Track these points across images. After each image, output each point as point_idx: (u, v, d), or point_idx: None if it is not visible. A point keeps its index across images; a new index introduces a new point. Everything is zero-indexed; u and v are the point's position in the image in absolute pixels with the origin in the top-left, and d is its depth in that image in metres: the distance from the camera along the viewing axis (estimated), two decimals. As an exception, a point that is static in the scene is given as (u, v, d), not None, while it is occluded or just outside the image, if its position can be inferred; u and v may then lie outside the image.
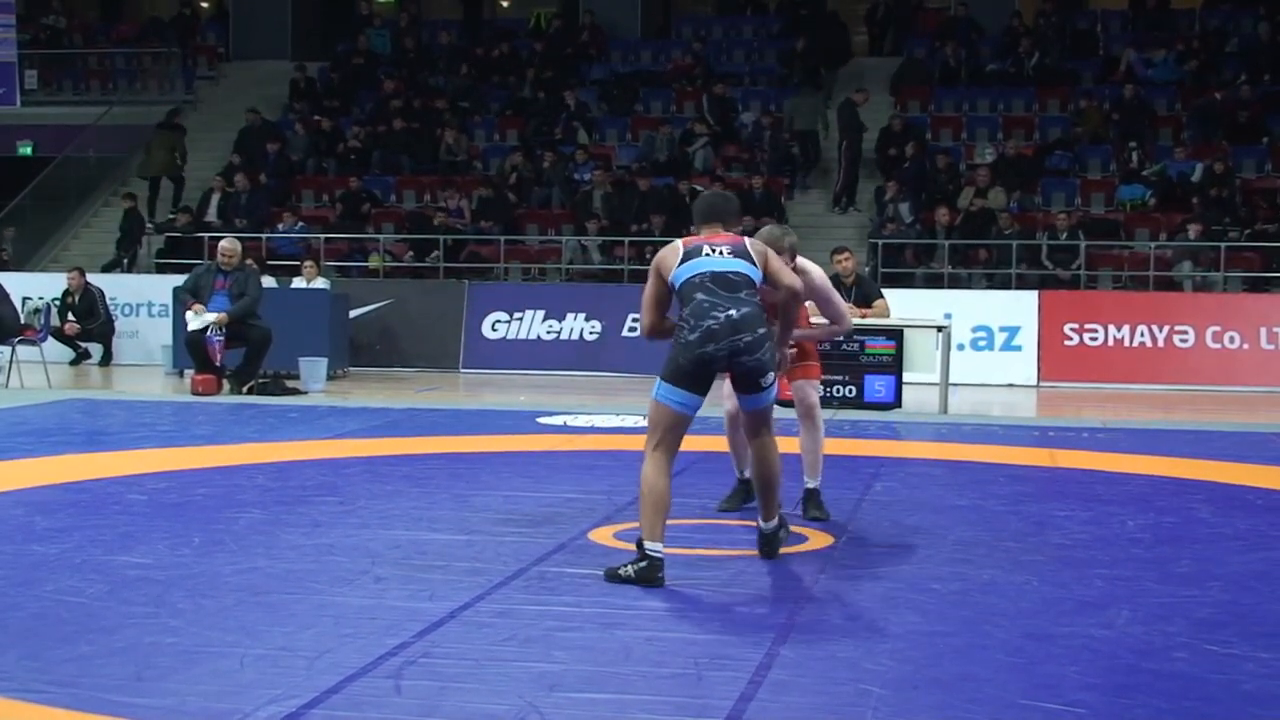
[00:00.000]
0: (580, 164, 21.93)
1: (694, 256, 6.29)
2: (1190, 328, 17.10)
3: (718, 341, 6.10)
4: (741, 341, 6.12)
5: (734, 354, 6.13)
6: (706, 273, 6.24)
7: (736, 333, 6.12)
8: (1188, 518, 7.87)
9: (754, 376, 6.25)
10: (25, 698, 4.34)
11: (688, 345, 6.12)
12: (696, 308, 6.15)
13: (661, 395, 6.18)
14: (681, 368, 6.13)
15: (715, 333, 6.10)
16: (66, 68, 27.77)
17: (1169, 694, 4.56)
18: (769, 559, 6.49)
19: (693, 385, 6.15)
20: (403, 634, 5.10)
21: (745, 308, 6.17)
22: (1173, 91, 22.64)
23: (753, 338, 6.15)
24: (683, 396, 6.16)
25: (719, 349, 6.11)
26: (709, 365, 6.14)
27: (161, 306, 18.29)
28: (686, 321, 6.16)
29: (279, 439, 10.82)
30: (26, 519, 7.31)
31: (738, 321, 6.13)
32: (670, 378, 6.16)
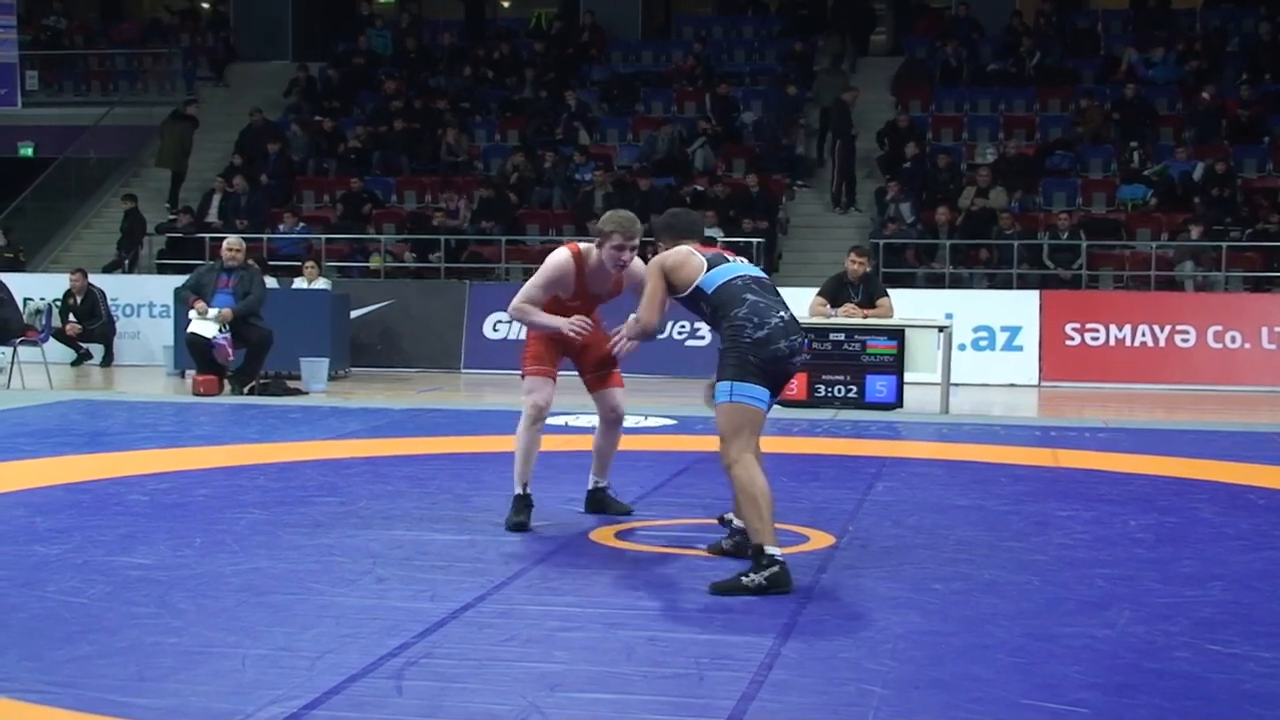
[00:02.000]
0: (581, 164, 21.94)
1: (720, 263, 6.31)
2: (1192, 328, 17.09)
3: (786, 339, 6.09)
4: (798, 342, 6.15)
5: (793, 353, 6.13)
6: (747, 276, 6.29)
7: (793, 333, 6.14)
8: (1190, 517, 7.86)
9: (788, 381, 6.31)
10: (27, 698, 4.34)
11: (759, 342, 6.05)
12: (754, 308, 6.11)
13: (740, 395, 6.05)
14: (756, 365, 6.05)
15: (780, 330, 6.09)
16: (67, 69, 27.81)
17: (1171, 694, 4.55)
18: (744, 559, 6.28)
19: (767, 382, 6.08)
20: (404, 634, 5.10)
21: (788, 310, 6.23)
22: (1173, 91, 22.64)
23: (802, 338, 6.19)
24: (762, 393, 6.08)
25: (788, 345, 6.10)
26: (779, 362, 6.10)
27: (163, 307, 18.30)
28: (749, 320, 6.07)
29: (280, 439, 10.82)
30: (28, 519, 7.31)
31: (792, 322, 6.17)
32: (745, 377, 6.05)
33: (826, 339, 13.36)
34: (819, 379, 13.42)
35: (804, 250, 20.74)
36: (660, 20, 28.51)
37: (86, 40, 28.83)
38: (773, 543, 5.88)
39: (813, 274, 17.67)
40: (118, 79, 27.60)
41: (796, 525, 7.36)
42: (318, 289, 17.70)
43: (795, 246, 21.00)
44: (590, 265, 7.21)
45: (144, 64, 27.77)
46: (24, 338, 15.33)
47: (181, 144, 23.45)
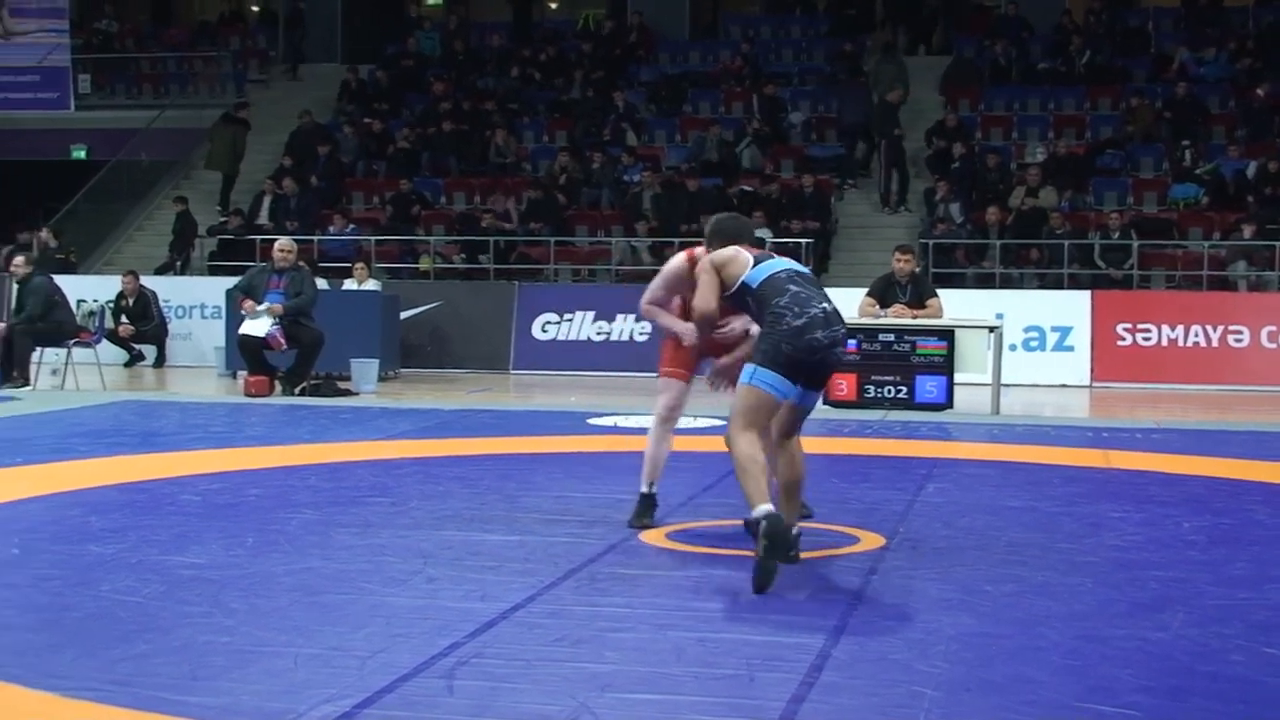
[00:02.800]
0: (629, 165, 21.95)
1: (765, 260, 6.41)
2: (1245, 328, 16.95)
3: (826, 329, 6.12)
4: (839, 333, 6.19)
5: (833, 344, 6.17)
6: (791, 270, 6.35)
7: (834, 324, 6.17)
8: (1244, 519, 7.80)
9: (830, 373, 6.37)
10: (82, 696, 4.37)
11: (794, 331, 6.08)
12: (795, 298, 6.15)
13: (760, 380, 6.13)
14: (786, 354, 6.10)
15: (823, 321, 6.12)
16: (119, 72, 28.02)
17: (1225, 697, 4.51)
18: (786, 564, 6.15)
19: (793, 373, 6.14)
20: (455, 634, 5.11)
21: (832, 305, 6.25)
22: (1225, 89, 22.47)
23: (845, 331, 6.26)
24: (784, 384, 6.14)
25: (826, 336, 6.12)
26: (815, 352, 6.12)
27: (214, 308, 18.42)
28: (789, 309, 6.12)
29: (331, 440, 10.87)
30: (83, 519, 7.37)
31: (834, 314, 6.21)
32: (773, 364, 6.11)
33: (876, 339, 13.33)
34: (869, 380, 13.39)
35: (853, 250, 20.69)
36: (708, 20, 28.50)
37: (138, 43, 29.04)
38: (763, 501, 5.92)
39: (862, 274, 17.62)
40: (169, 82, 27.79)
41: (847, 526, 7.36)
42: (368, 290, 17.78)
43: (844, 246, 20.95)
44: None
45: (194, 67, 27.95)
46: (78, 339, 15.45)
47: (234, 147, 23.60)
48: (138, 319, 18.60)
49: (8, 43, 24.19)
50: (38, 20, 24.42)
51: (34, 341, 15.08)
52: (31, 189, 25.50)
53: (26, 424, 11.74)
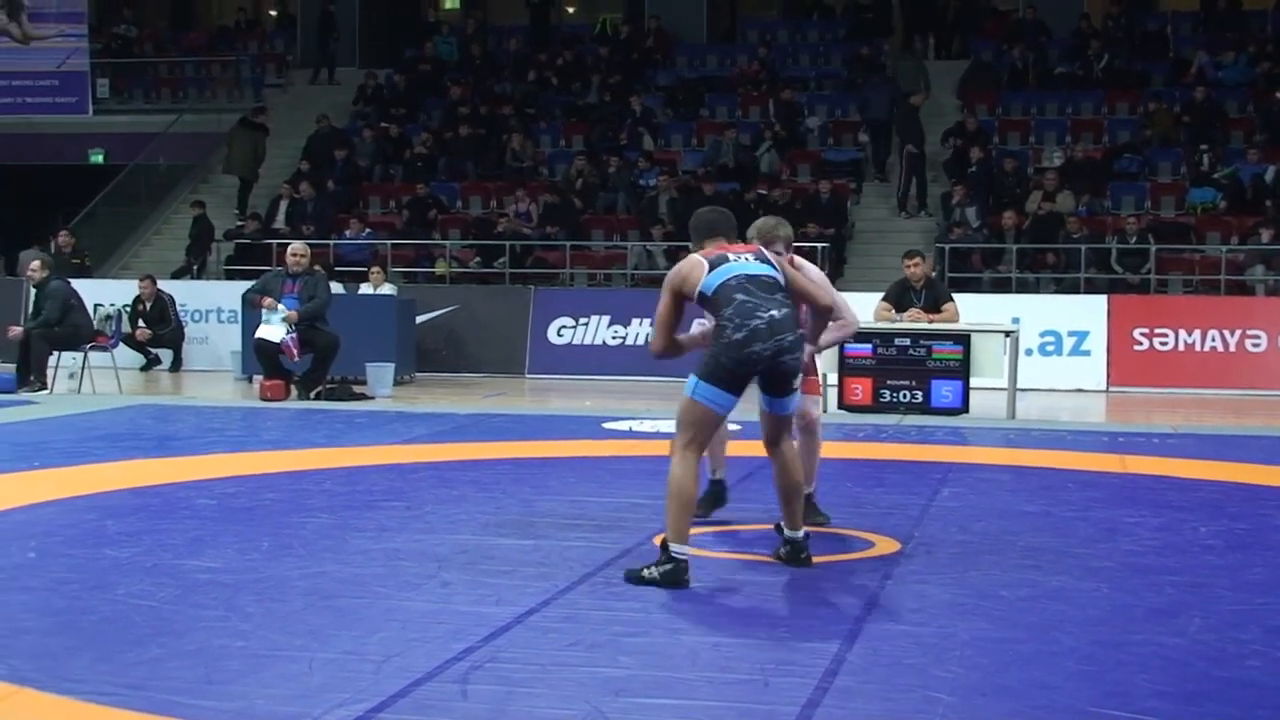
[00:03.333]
0: (645, 169, 21.95)
1: (723, 263, 6.30)
2: (1262, 332, 16.90)
3: (763, 341, 6.12)
4: (785, 341, 6.16)
5: (778, 354, 6.15)
6: (742, 275, 6.26)
7: (780, 332, 6.15)
8: (1260, 524, 7.78)
9: (790, 378, 6.30)
10: (97, 700, 4.39)
11: (733, 345, 6.11)
12: (740, 308, 6.15)
13: (700, 395, 6.18)
14: (725, 368, 6.14)
15: (760, 332, 6.12)
16: (137, 76, 28.10)
17: (1242, 703, 4.50)
18: (799, 567, 6.41)
19: (733, 386, 6.18)
20: (469, 638, 5.12)
21: (784, 309, 6.22)
22: (1244, 93, 22.41)
23: (794, 338, 6.22)
24: (723, 398, 6.18)
25: (764, 348, 6.12)
26: (754, 365, 6.15)
27: (231, 312, 18.44)
28: (731, 321, 6.14)
29: (346, 444, 10.88)
30: (98, 523, 7.39)
31: (780, 321, 6.16)
32: (711, 378, 6.16)
33: (892, 344, 13.31)
34: (884, 384, 13.38)
35: (869, 255, 20.67)
36: (725, 24, 28.49)
37: (156, 48, 29.11)
38: (679, 541, 6.03)
39: (878, 279, 17.59)
40: (187, 86, 27.86)
41: (862, 531, 7.35)
42: (384, 294, 17.79)
43: (860, 251, 20.93)
44: None
45: (212, 71, 28.03)
46: (94, 343, 15.49)
47: (254, 152, 23.64)
48: (155, 323, 18.65)
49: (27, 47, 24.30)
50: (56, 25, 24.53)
51: (51, 345, 15.12)
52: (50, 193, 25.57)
53: (43, 428, 11.77)
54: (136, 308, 18.69)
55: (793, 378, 6.29)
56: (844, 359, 13.45)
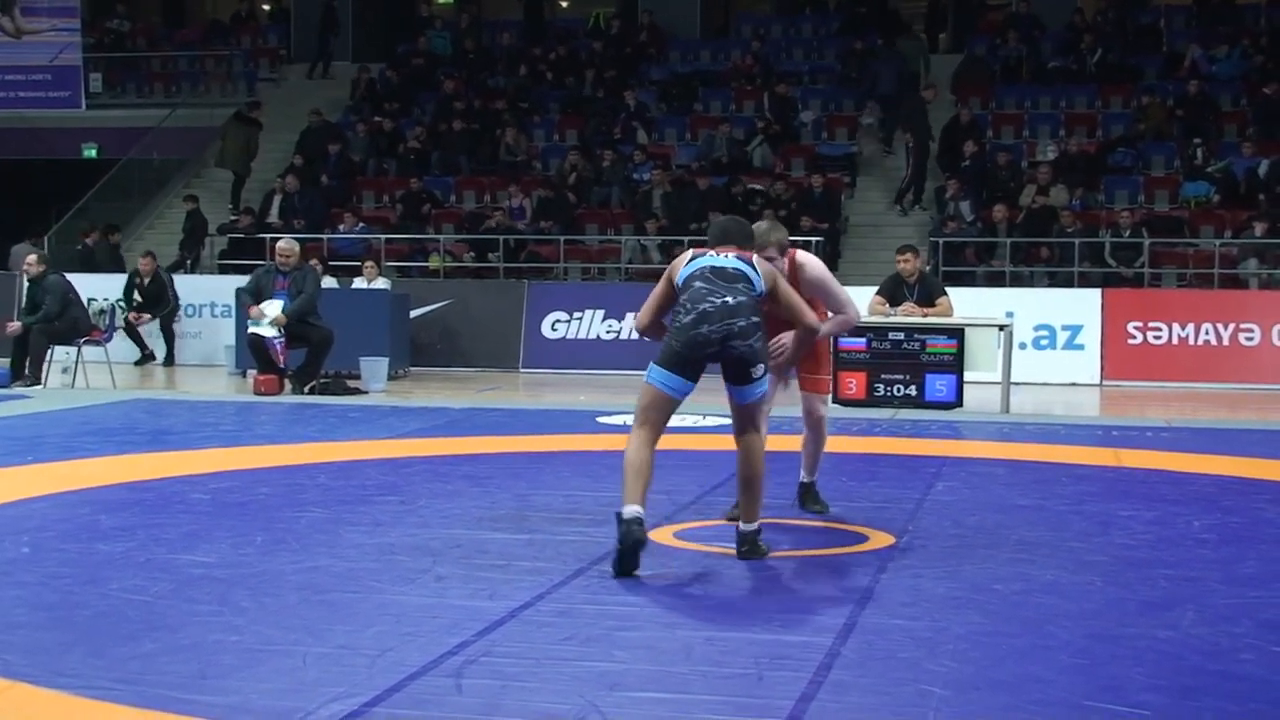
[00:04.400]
0: (639, 164, 21.94)
1: (700, 258, 6.45)
2: (1256, 326, 16.92)
3: (711, 323, 6.19)
4: (735, 326, 6.21)
5: (727, 338, 6.21)
6: (707, 267, 6.38)
7: (731, 317, 6.21)
8: (1254, 518, 7.79)
9: (745, 364, 6.30)
10: (91, 694, 4.38)
11: (682, 328, 6.23)
12: (694, 293, 6.29)
13: (652, 378, 6.31)
14: (675, 350, 6.25)
15: (709, 314, 6.20)
16: (130, 71, 28.07)
17: (1235, 696, 4.51)
18: (746, 559, 6.43)
19: (683, 370, 6.26)
20: (464, 633, 5.11)
21: (741, 297, 6.27)
22: (1237, 87, 22.42)
23: (746, 323, 6.24)
24: (673, 380, 6.27)
25: (713, 330, 6.19)
26: (702, 347, 6.22)
27: (224, 307, 18.44)
28: (684, 306, 6.29)
29: (340, 439, 10.88)
30: (92, 518, 7.38)
31: (733, 307, 6.23)
32: (662, 362, 6.29)
33: (886, 338, 13.32)
34: (878, 378, 13.39)
35: (863, 249, 20.67)
36: (719, 19, 28.48)
37: (149, 43, 29.08)
38: (629, 500, 6.09)
39: (872, 273, 17.62)
40: (180, 81, 27.83)
41: (856, 525, 7.36)
42: (377, 289, 17.79)
43: (854, 245, 20.94)
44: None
45: (206, 66, 27.99)
46: (89, 338, 15.47)
47: (247, 147, 23.62)
48: (153, 302, 18.57)
49: (19, 42, 24.22)
50: (49, 19, 24.45)
51: (49, 340, 15.10)
52: (43, 188, 25.55)
53: (37, 422, 11.76)
54: (134, 283, 18.64)
55: (748, 364, 6.30)
56: (838, 353, 13.42)
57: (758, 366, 6.32)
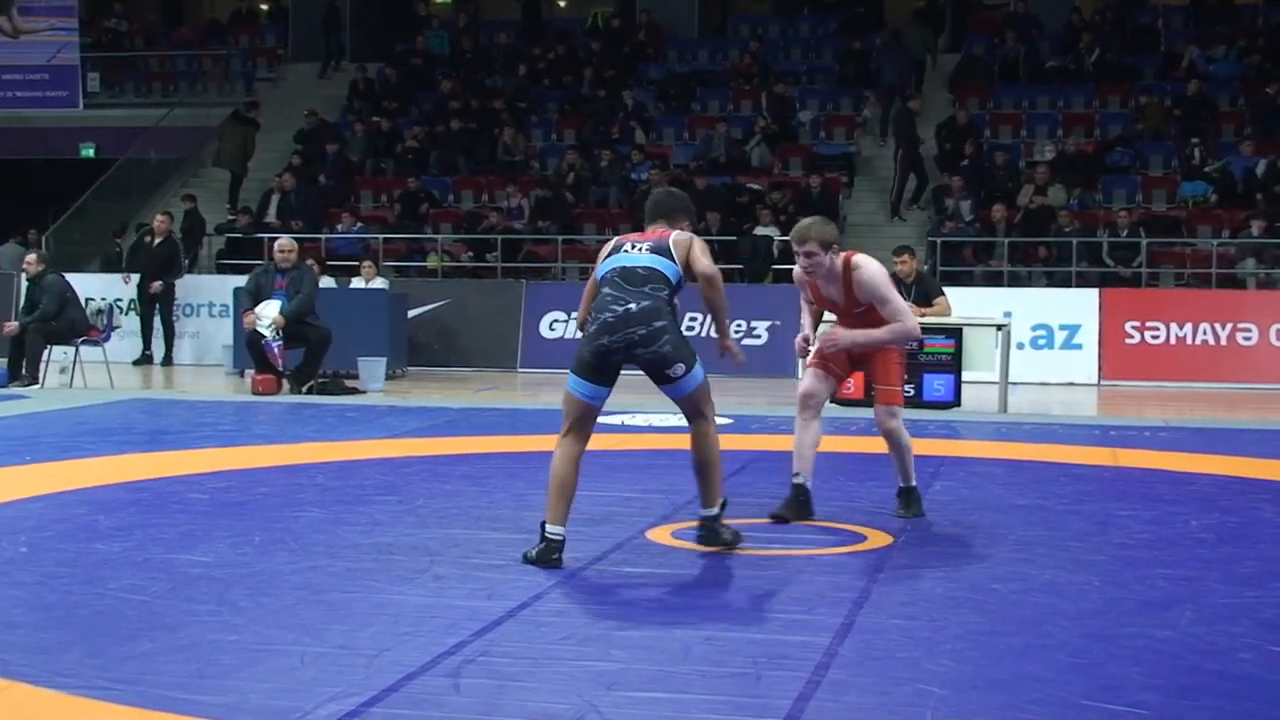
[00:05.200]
0: (637, 163, 21.94)
1: (616, 252, 6.53)
2: (1253, 326, 16.93)
3: (613, 334, 6.29)
4: (636, 334, 6.28)
5: (629, 346, 6.29)
6: (617, 268, 6.45)
7: (630, 325, 6.28)
8: (1252, 517, 7.79)
9: (657, 368, 6.38)
10: (88, 694, 4.38)
11: (588, 337, 6.37)
12: (601, 301, 6.40)
13: (569, 385, 6.43)
14: (583, 359, 6.37)
15: (611, 325, 6.29)
16: (128, 70, 28.06)
17: (1233, 695, 4.51)
18: (707, 546, 6.56)
19: (594, 376, 6.36)
20: (462, 633, 5.11)
21: (645, 301, 6.32)
22: (1235, 87, 22.43)
23: (647, 330, 6.29)
24: (586, 388, 6.38)
25: (614, 341, 6.29)
26: (607, 357, 6.33)
27: (222, 307, 18.44)
28: (594, 314, 6.41)
29: (338, 438, 10.88)
30: (90, 517, 7.38)
31: (635, 314, 6.29)
32: (576, 369, 6.41)
33: (884, 338, 13.30)
34: (876, 378, 13.37)
35: (861, 249, 20.40)
36: (717, 19, 28.49)
37: (147, 42, 29.07)
38: (552, 521, 6.28)
39: (870, 273, 17.57)
40: (178, 80, 27.82)
41: (854, 524, 7.35)
42: (375, 288, 17.79)
43: (852, 245, 20.76)
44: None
45: (203, 65, 27.98)
46: (86, 337, 15.46)
47: (244, 147, 23.60)
48: (162, 265, 18.38)
49: (17, 41, 24.20)
50: (47, 19, 24.44)
51: (46, 340, 15.09)
52: (40, 187, 25.55)
53: (34, 422, 11.76)
54: (142, 241, 18.57)
55: (661, 367, 6.35)
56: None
57: (674, 366, 6.35)
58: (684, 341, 6.41)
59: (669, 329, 6.33)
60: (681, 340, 6.40)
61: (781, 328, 17.27)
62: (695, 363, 6.43)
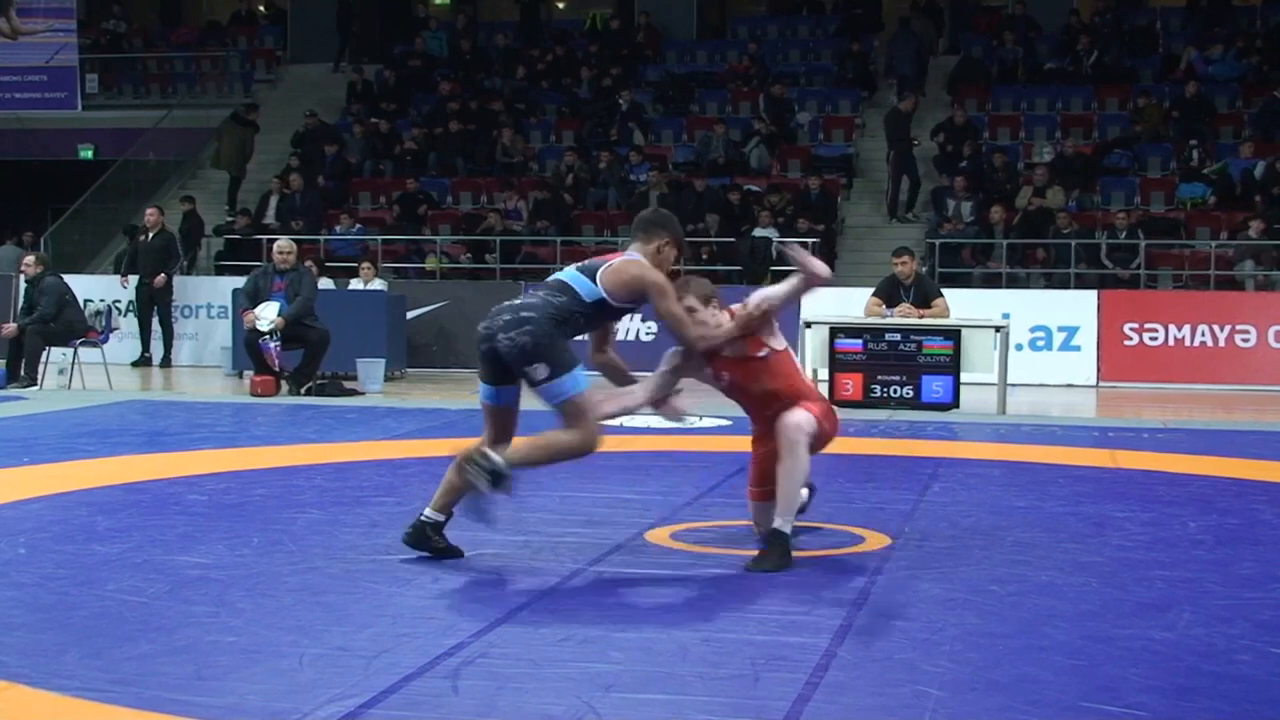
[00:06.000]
0: (636, 165, 21.94)
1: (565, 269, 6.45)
2: (1252, 327, 16.92)
3: (485, 321, 6.18)
4: (500, 320, 6.12)
5: (492, 336, 6.13)
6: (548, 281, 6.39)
7: (501, 314, 6.15)
8: (1250, 519, 7.79)
9: (516, 362, 6.06)
10: (87, 696, 4.38)
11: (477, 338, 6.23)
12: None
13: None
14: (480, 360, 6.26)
15: (490, 320, 6.18)
16: (126, 72, 28.05)
17: (1231, 697, 4.51)
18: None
19: (485, 375, 6.26)
20: (460, 634, 5.11)
21: (530, 299, 6.20)
22: (1234, 88, 22.44)
23: (512, 318, 6.09)
24: (482, 388, 6.32)
25: (483, 329, 6.17)
26: (480, 348, 6.19)
27: (221, 308, 18.43)
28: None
29: (337, 440, 10.88)
30: (88, 519, 7.38)
31: (508, 306, 6.17)
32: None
33: (882, 339, 13.34)
34: (875, 379, 13.40)
35: (860, 250, 20.66)
36: (715, 20, 28.48)
37: (145, 43, 29.06)
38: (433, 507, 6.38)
39: (868, 275, 17.62)
40: (176, 81, 27.82)
41: (853, 526, 7.35)
42: (374, 290, 17.79)
43: (851, 247, 20.93)
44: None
45: (202, 67, 27.98)
46: (85, 339, 15.46)
47: (243, 149, 23.59)
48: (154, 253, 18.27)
49: (15, 42, 24.20)
50: (45, 20, 24.44)
51: (44, 341, 15.09)
52: (39, 189, 25.53)
53: (32, 424, 11.75)
54: (135, 241, 18.54)
55: (520, 361, 6.04)
56: (834, 354, 13.47)
57: (535, 365, 6.01)
58: (557, 345, 6.04)
59: (536, 322, 6.03)
60: (553, 343, 6.03)
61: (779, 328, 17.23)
62: (568, 371, 6.03)
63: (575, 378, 6.08)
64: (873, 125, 23.24)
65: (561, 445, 6.17)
